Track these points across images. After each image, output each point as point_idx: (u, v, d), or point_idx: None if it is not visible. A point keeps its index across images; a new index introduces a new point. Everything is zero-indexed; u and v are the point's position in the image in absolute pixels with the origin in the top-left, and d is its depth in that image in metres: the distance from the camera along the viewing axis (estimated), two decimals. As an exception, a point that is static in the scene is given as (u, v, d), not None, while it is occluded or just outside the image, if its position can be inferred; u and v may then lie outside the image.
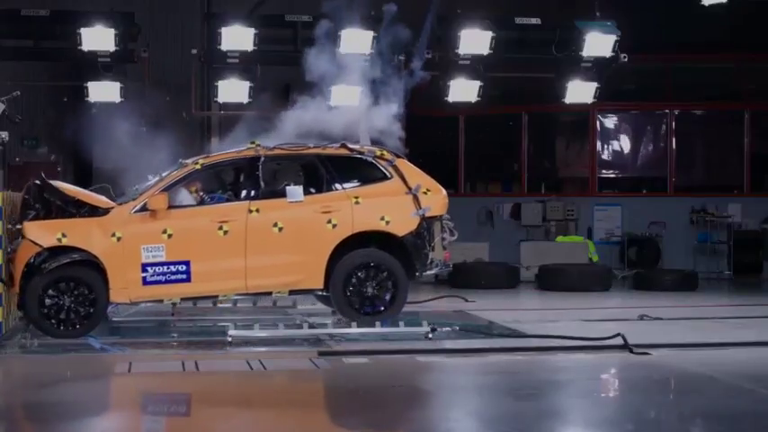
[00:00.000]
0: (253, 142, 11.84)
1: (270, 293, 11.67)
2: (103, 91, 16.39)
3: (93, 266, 11.04)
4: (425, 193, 11.77)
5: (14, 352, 10.66)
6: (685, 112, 21.89)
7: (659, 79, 21.83)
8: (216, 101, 17.00)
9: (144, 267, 11.07)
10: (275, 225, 11.31)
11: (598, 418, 8.05)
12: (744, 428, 7.72)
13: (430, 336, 11.23)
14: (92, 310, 11.01)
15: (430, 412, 8.21)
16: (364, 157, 11.92)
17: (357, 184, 11.76)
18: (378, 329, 11.44)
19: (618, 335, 10.75)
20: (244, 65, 16.33)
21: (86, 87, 16.34)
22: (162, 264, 11.09)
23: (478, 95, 17.20)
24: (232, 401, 8.68)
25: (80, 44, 15.78)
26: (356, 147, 12.10)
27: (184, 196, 11.59)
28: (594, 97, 17.61)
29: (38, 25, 16.10)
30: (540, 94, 20.28)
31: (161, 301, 11.44)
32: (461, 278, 17.46)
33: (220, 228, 11.23)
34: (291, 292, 11.71)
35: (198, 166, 11.60)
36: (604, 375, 10.09)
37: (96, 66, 16.09)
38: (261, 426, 7.86)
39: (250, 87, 16.36)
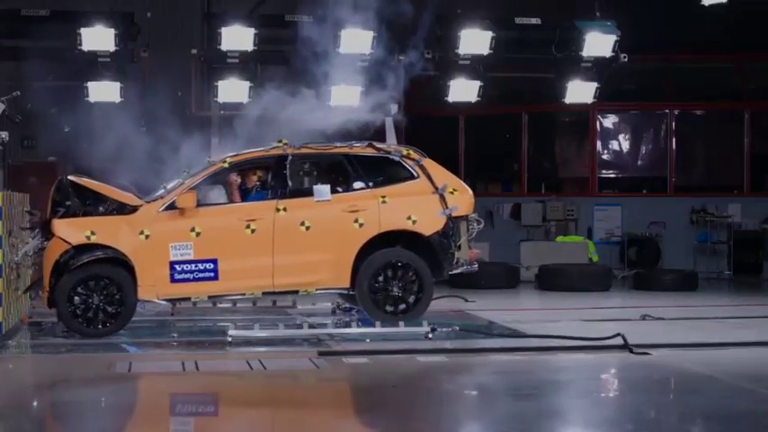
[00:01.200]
0: (280, 141, 11.89)
1: (296, 292, 11.65)
2: (103, 91, 16.40)
3: (121, 264, 11.11)
4: (452, 192, 11.82)
5: (14, 352, 10.65)
6: (685, 112, 21.89)
7: (659, 79, 21.83)
8: (216, 101, 16.99)
9: (172, 265, 11.15)
10: (302, 224, 11.37)
11: (598, 418, 8.05)
12: (743, 428, 7.72)
13: (430, 336, 11.23)
14: (120, 308, 11.09)
15: (430, 412, 8.20)
16: (391, 157, 11.97)
17: (384, 183, 11.80)
18: (378, 329, 11.44)
19: (618, 335, 10.76)
20: (244, 65, 16.33)
21: (86, 87, 16.34)
22: (190, 262, 11.17)
23: (478, 95, 17.20)
24: (232, 401, 8.69)
25: (80, 44, 15.78)
26: (383, 146, 12.18)
27: (213, 194, 11.65)
28: (594, 97, 17.61)
29: (38, 25, 16.09)
30: (540, 94, 20.28)
31: (188, 298, 11.46)
32: (461, 278, 17.43)
33: (248, 226, 11.29)
34: (317, 291, 11.72)
35: (226, 165, 11.69)
36: (604, 375, 10.09)
37: (96, 66, 16.09)
38: (261, 426, 7.86)
39: (250, 87, 16.36)
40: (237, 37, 16.12)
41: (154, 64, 17.06)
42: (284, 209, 11.39)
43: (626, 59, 17.10)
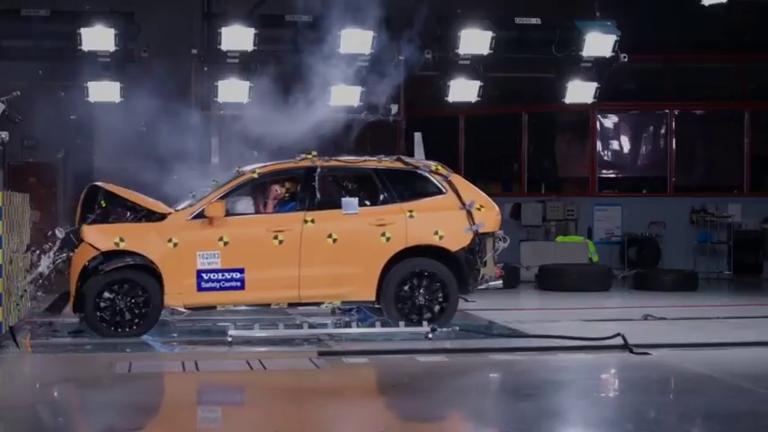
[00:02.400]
0: (309, 153, 11.93)
1: (322, 303, 11.67)
2: (103, 91, 16.41)
3: (149, 271, 11.15)
4: (479, 209, 11.85)
5: (14, 352, 10.63)
6: (685, 112, 21.89)
7: (659, 79, 21.83)
8: (216, 101, 17.00)
9: (199, 274, 11.19)
10: (330, 236, 11.41)
11: (598, 418, 8.05)
12: (744, 428, 7.72)
13: (430, 336, 11.23)
14: (146, 314, 11.13)
15: (430, 412, 8.20)
16: (419, 172, 12.00)
17: (411, 197, 11.82)
18: (378, 329, 11.48)
19: (618, 335, 10.76)
20: (244, 65, 16.34)
21: (86, 87, 16.35)
22: (217, 271, 11.20)
23: (478, 95, 17.21)
24: (232, 401, 8.69)
25: (80, 44, 15.80)
26: (411, 160, 12.19)
27: (241, 204, 11.71)
28: (594, 97, 17.63)
29: (38, 25, 16.10)
30: (540, 94, 20.30)
31: (214, 307, 11.49)
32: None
33: (276, 237, 11.32)
34: (343, 303, 11.74)
35: (255, 175, 11.71)
36: (604, 375, 10.09)
37: (96, 66, 16.11)
38: (261, 426, 7.87)
39: (250, 87, 16.37)
40: (237, 37, 16.14)
41: (154, 64, 17.07)
42: (312, 221, 11.44)
43: (626, 59, 17.12)
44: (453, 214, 11.74)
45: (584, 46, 16.90)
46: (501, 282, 12.14)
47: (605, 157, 21.94)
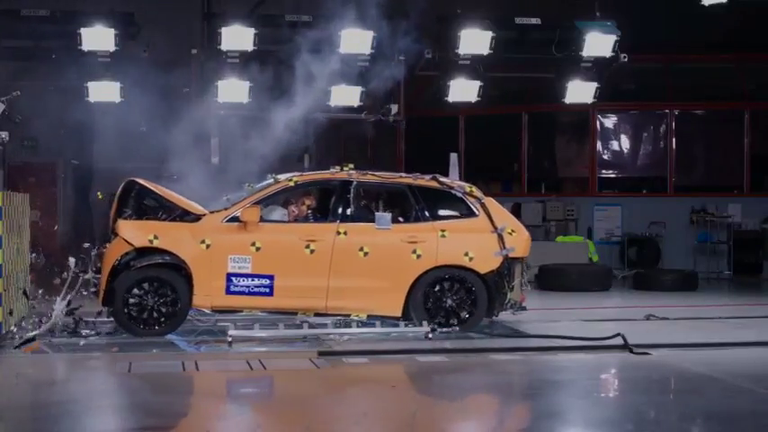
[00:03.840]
0: (346, 165, 12.05)
1: (348, 316, 11.67)
2: (103, 91, 16.41)
3: (179, 270, 11.21)
4: (510, 233, 11.93)
5: (14, 352, 10.63)
6: (685, 112, 21.89)
7: (659, 79, 21.83)
8: (216, 101, 17.00)
9: (229, 277, 11.24)
10: (361, 249, 11.47)
11: (598, 418, 8.05)
12: (744, 428, 7.72)
13: (430, 336, 11.25)
14: (173, 313, 11.18)
15: (429, 412, 8.21)
16: (454, 192, 12.07)
17: (444, 217, 11.89)
18: (378, 329, 11.50)
19: (618, 335, 10.77)
20: (244, 65, 16.33)
21: (86, 87, 16.35)
22: (247, 275, 11.25)
23: (478, 95, 17.21)
24: (232, 401, 8.69)
25: (80, 44, 15.80)
26: (447, 181, 12.27)
27: (274, 211, 11.82)
28: (594, 97, 17.63)
29: (38, 25, 16.10)
30: (540, 94, 20.30)
31: (240, 311, 11.54)
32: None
33: (307, 246, 11.38)
34: (369, 317, 11.74)
35: (291, 183, 11.80)
36: (604, 375, 10.09)
37: (96, 66, 16.11)
38: (261, 426, 7.87)
39: (250, 87, 16.37)
40: (237, 37, 16.13)
41: (153, 64, 17.07)
42: (345, 232, 11.49)
43: (626, 59, 17.11)
44: (485, 237, 11.81)
45: (584, 46, 16.90)
46: (526, 308, 12.21)
47: (605, 157, 21.94)
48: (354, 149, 22.75)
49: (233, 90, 16.59)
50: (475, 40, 16.50)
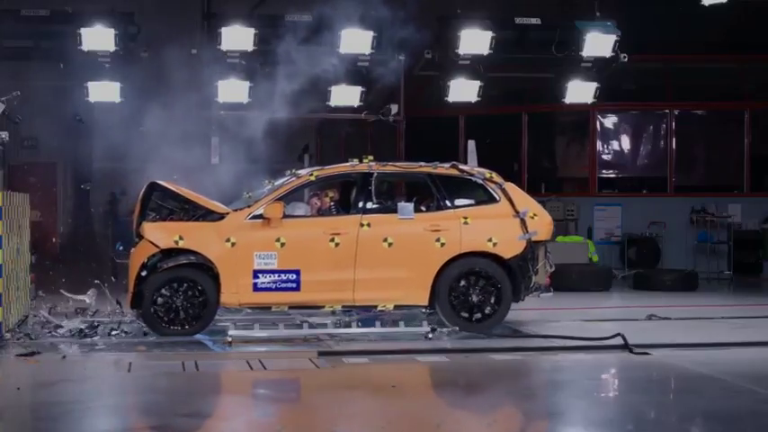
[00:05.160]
0: (366, 157, 12.07)
1: (375, 307, 11.73)
2: (103, 91, 16.41)
3: (206, 270, 11.26)
4: (532, 217, 11.95)
5: (15, 352, 10.63)
6: (685, 112, 21.87)
7: (659, 79, 21.83)
8: (216, 101, 17.00)
9: (255, 274, 11.30)
10: (385, 240, 11.53)
11: (598, 418, 8.05)
12: (744, 428, 7.72)
13: (430, 336, 11.25)
14: (202, 312, 11.25)
15: (429, 412, 8.20)
16: (474, 179, 12.13)
17: (466, 204, 11.95)
18: (378, 329, 11.53)
19: (618, 335, 10.77)
20: (244, 65, 16.34)
21: (86, 87, 16.35)
22: (273, 271, 11.32)
23: (478, 95, 17.21)
24: (232, 401, 8.68)
25: (80, 44, 15.80)
26: (466, 168, 12.31)
27: (297, 207, 11.89)
28: (594, 97, 17.63)
29: (38, 25, 16.10)
30: (540, 94, 20.29)
31: (269, 307, 11.57)
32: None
33: (332, 239, 11.43)
34: (396, 307, 11.79)
35: (312, 178, 11.87)
36: (604, 375, 10.09)
37: (96, 66, 16.11)
38: (261, 426, 7.87)
39: (250, 87, 16.37)
40: (237, 37, 16.13)
41: (154, 64, 17.08)
42: (368, 224, 11.54)
43: (626, 59, 17.11)
44: (507, 222, 11.85)
45: (584, 46, 16.90)
46: (552, 291, 12.27)
47: (605, 157, 21.93)
48: (355, 149, 22.73)
49: (233, 90, 16.59)
50: (475, 40, 16.50)
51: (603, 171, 21.95)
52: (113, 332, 11.48)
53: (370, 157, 12.12)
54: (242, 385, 9.42)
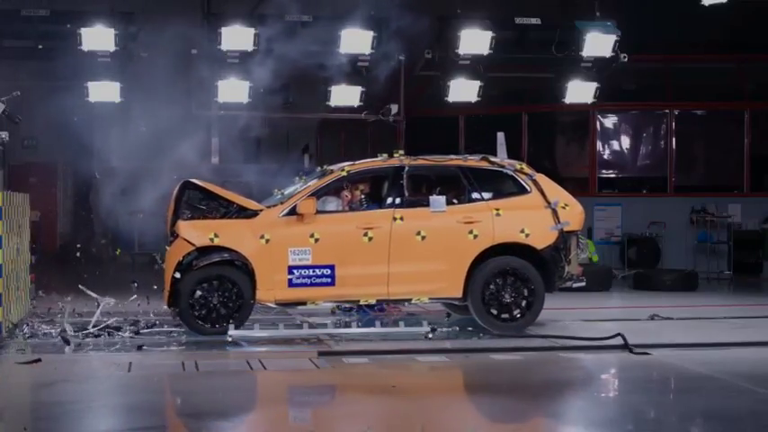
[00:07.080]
0: (396, 152, 12.12)
1: (409, 300, 11.80)
2: (103, 91, 16.40)
3: (241, 267, 11.33)
4: (564, 207, 11.99)
5: (14, 352, 10.64)
6: (685, 112, 21.86)
7: (659, 79, 21.82)
8: (216, 101, 17.00)
9: (290, 270, 11.36)
10: (418, 233, 11.55)
11: (598, 418, 8.05)
12: (744, 428, 7.72)
13: (430, 336, 11.26)
14: (238, 309, 11.28)
15: (429, 412, 8.20)
16: (505, 171, 12.19)
17: (497, 196, 11.98)
18: (378, 329, 11.54)
19: (618, 335, 10.77)
20: (244, 65, 16.34)
21: (86, 87, 16.34)
22: (308, 267, 11.37)
23: (478, 95, 17.21)
24: (232, 401, 8.69)
25: (80, 44, 15.80)
26: (497, 160, 12.35)
27: (329, 202, 11.91)
28: (594, 97, 17.63)
29: (38, 25, 16.10)
30: (540, 94, 20.28)
31: (304, 303, 11.61)
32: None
33: (365, 234, 11.48)
34: (430, 300, 11.84)
35: (344, 173, 11.91)
36: (604, 375, 10.09)
37: (96, 66, 16.11)
38: (261, 426, 7.87)
39: (250, 87, 16.37)
40: (237, 37, 16.13)
41: (153, 64, 17.08)
42: (401, 218, 11.59)
43: (626, 59, 17.11)
44: (539, 213, 11.88)
45: (584, 46, 16.90)
46: (584, 281, 12.30)
47: (605, 157, 21.92)
48: (355, 149, 22.73)
49: (233, 90, 16.59)
50: (475, 41, 16.50)
51: (603, 171, 21.95)
52: (154, 328, 11.59)
53: (401, 152, 12.20)
54: (242, 385, 9.42)
